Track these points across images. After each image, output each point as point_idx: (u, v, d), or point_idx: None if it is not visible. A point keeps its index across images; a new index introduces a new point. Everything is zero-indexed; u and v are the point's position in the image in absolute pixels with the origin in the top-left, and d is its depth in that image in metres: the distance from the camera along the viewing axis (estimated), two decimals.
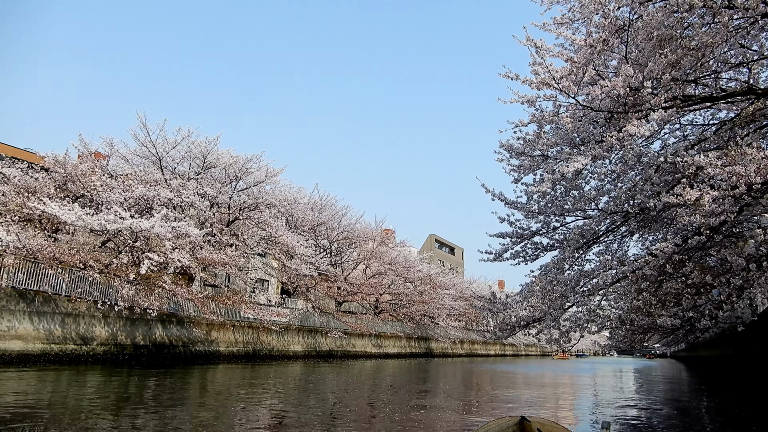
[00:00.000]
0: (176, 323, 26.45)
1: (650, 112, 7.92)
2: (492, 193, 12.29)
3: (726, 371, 31.96)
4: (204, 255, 23.62)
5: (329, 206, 40.81)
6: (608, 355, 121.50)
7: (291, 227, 38.45)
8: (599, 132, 8.92)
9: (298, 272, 36.82)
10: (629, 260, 9.34)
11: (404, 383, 21.59)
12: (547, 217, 12.58)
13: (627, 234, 13.48)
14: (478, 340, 71.83)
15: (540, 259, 13.73)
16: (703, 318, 8.43)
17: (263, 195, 30.58)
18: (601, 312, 9.35)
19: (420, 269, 50.91)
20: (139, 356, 24.03)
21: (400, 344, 51.00)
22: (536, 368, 41.28)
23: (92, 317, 22.45)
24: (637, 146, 9.19)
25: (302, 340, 36.63)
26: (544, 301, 10.03)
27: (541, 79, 8.26)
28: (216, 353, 28.70)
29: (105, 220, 19.90)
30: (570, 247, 11.46)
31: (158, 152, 27.72)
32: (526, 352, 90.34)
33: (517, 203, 12.35)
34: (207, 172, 30.36)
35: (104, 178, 22.56)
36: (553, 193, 12.20)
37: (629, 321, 9.51)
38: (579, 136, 9.32)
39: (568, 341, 10.80)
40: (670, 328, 9.63)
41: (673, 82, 8.90)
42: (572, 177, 10.14)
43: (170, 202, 24.55)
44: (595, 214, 11.77)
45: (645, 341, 18.10)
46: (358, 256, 46.67)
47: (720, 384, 26.44)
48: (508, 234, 13.00)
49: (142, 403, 12.01)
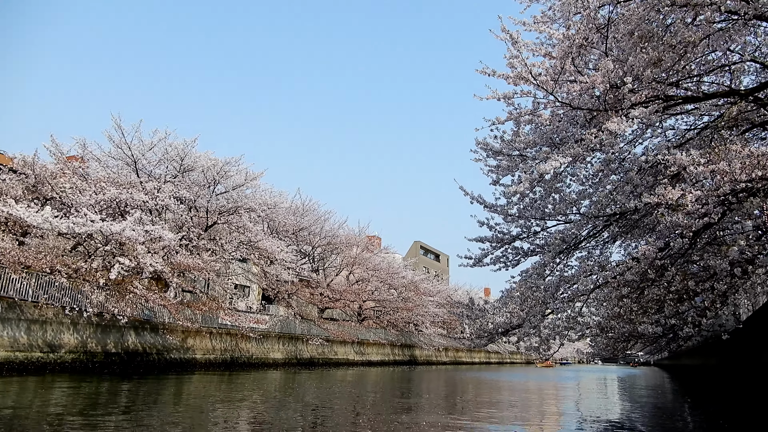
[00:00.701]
0: (150, 330, 25.63)
1: (631, 110, 7.56)
2: (471, 195, 11.88)
3: (709, 380, 31.83)
4: (179, 260, 22.91)
5: (311, 211, 40.22)
6: (592, 363, 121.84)
7: (272, 232, 37.79)
8: (579, 132, 8.55)
9: (278, 278, 36.13)
10: (610, 265, 8.95)
11: (385, 395, 21.04)
12: (527, 222, 12.21)
13: (609, 240, 13.14)
14: (463, 348, 71.39)
15: (521, 265, 13.28)
16: (686, 325, 8.06)
17: (242, 199, 29.93)
18: (581, 319, 8.93)
19: (404, 276, 50.41)
20: (110, 364, 23.20)
21: (383, 352, 50.36)
22: (520, 377, 40.89)
23: (60, 324, 21.61)
24: (618, 148, 8.84)
25: (282, 347, 35.88)
26: (522, 307, 9.60)
27: (518, 73, 7.86)
28: (192, 361, 27.89)
29: (74, 223, 19.17)
30: (551, 252, 11.08)
31: (133, 154, 26.98)
32: (511, 359, 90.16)
33: (497, 206, 11.95)
34: (185, 176, 29.66)
35: (74, 180, 21.79)
36: (533, 195, 11.83)
37: (609, 328, 9.11)
38: (558, 135, 8.94)
39: (548, 349, 10.38)
40: (652, 336, 9.25)
41: (655, 82, 8.57)
42: (551, 178, 9.76)
43: (145, 205, 23.83)
44: (576, 219, 11.42)
45: (627, 349, 17.75)
46: (342, 263, 46.07)
47: (703, 393, 26.22)
48: (487, 238, 12.58)
49: (111, 414, 11.42)
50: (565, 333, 9.11)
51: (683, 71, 9.12)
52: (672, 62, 8.23)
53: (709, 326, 7.89)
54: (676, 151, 6.89)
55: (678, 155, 6.48)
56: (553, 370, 67.73)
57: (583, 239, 11.71)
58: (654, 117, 7.93)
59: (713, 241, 8.65)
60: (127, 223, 20.66)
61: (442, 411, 14.69)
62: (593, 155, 8.97)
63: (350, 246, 45.24)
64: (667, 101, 9.03)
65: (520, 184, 8.88)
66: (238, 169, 29.32)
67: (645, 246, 7.15)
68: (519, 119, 8.98)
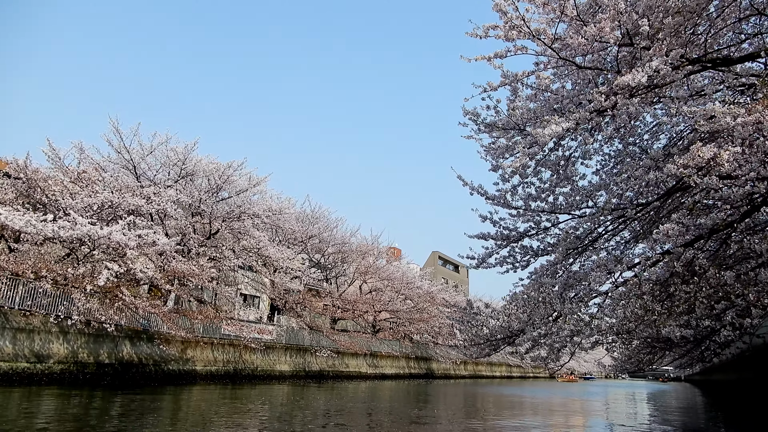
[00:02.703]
0: (147, 340, 24.56)
1: (650, 62, 6.10)
2: (470, 186, 10.42)
3: (745, 397, 29.41)
4: (175, 266, 21.82)
5: (321, 218, 38.92)
6: (619, 378, 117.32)
7: (281, 240, 36.66)
8: (587, 93, 7.08)
9: (287, 288, 34.92)
10: (628, 258, 7.43)
11: (395, 412, 19.52)
12: (536, 216, 10.70)
13: (632, 240, 11.54)
14: (483, 361, 69.07)
15: (532, 267, 11.73)
16: (723, 328, 6.49)
17: (246, 204, 28.87)
18: (594, 322, 7.39)
19: (419, 286, 48.68)
20: (102, 375, 22.14)
21: (398, 365, 48.60)
22: (544, 392, 38.77)
23: (49, 333, 20.64)
24: (634, 114, 7.32)
25: (290, 359, 34.50)
26: (524, 309, 8.11)
27: (510, 22, 6.46)
28: (192, 372, 26.72)
29: (60, 226, 18.23)
30: (562, 250, 9.56)
31: (133, 158, 26.18)
32: (534, 374, 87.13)
33: (499, 198, 10.48)
34: (189, 181, 28.77)
35: (65, 183, 20.95)
36: (540, 184, 10.37)
37: (627, 332, 7.54)
38: (560, 102, 7.48)
39: (557, 359, 8.83)
40: (680, 343, 7.63)
41: (677, 37, 7.09)
42: (559, 158, 8.29)
43: (140, 210, 22.87)
44: (591, 212, 9.87)
45: (653, 362, 15.94)
46: (354, 272, 44.67)
47: (738, 411, 24.07)
48: (491, 235, 11.06)
49: (100, 428, 10.32)
50: (576, 339, 7.58)
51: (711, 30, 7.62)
52: (699, 8, 6.73)
53: (754, 328, 6.31)
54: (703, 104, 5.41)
55: (710, 105, 5.02)
56: (577, 385, 64.92)
57: (599, 237, 10.15)
58: (677, 73, 6.43)
59: (754, 227, 7.06)
60: (118, 227, 19.68)
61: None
62: (604, 123, 7.44)
63: (363, 254, 43.82)
64: (693, 64, 7.52)
65: (517, 159, 7.44)
66: (240, 173, 28.31)
67: (672, 226, 5.63)
68: (514, 83, 7.55)
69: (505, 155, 9.28)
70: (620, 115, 6.44)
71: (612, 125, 10.03)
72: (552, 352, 9.37)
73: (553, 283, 8.22)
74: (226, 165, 27.71)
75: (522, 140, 8.03)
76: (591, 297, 7.72)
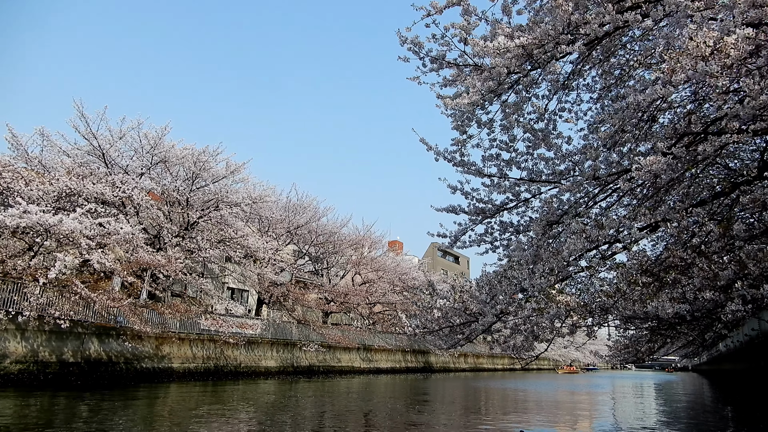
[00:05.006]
0: (116, 336, 23.11)
1: None
2: (435, 150, 8.84)
3: (757, 388, 27.80)
4: (139, 257, 20.35)
5: (307, 208, 37.26)
6: (625, 369, 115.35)
7: (266, 231, 35.15)
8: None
9: (273, 281, 33.45)
10: (610, 221, 5.89)
11: (388, 410, 18.09)
12: (514, 186, 9.10)
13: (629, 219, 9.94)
14: (484, 353, 67.59)
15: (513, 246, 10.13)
16: (731, 301, 4.96)
17: (224, 192, 27.36)
18: (556, 298, 5.85)
19: (415, 276, 47.07)
20: (67, 375, 20.73)
21: (393, 358, 47.12)
22: (547, 386, 37.23)
23: (4, 331, 19.25)
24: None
25: (276, 354, 33.07)
26: (481, 292, 6.58)
27: None
28: (168, 370, 25.32)
29: (4, 215, 16.78)
30: (540, 224, 7.99)
31: (100, 145, 24.67)
32: (537, 365, 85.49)
33: (468, 163, 8.90)
34: (164, 169, 27.27)
35: (19, 171, 19.50)
36: (517, 145, 8.83)
37: (603, 311, 5.98)
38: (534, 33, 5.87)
39: (530, 348, 7.30)
40: (672, 320, 6.07)
41: None
42: (517, 88, 6.69)
43: (104, 198, 21.41)
44: (575, 179, 8.29)
45: (653, 351, 14.37)
46: (346, 263, 43.13)
47: (749, 403, 22.53)
48: (462, 209, 9.43)
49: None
50: (543, 324, 6.04)
51: None
52: None
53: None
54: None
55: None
56: (580, 377, 63.36)
57: (583, 208, 8.54)
58: None
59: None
60: (75, 215, 18.22)
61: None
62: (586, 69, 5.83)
63: (354, 245, 42.25)
64: None
65: (467, 96, 5.88)
66: (216, 159, 26.76)
67: (654, 158, 4.07)
68: (466, 2, 5.95)
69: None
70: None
71: (597, 68, 8.47)
72: (527, 340, 7.82)
73: (521, 256, 6.67)
74: (201, 150, 26.19)
75: (477, 76, 6.43)
76: (565, 271, 6.18)
